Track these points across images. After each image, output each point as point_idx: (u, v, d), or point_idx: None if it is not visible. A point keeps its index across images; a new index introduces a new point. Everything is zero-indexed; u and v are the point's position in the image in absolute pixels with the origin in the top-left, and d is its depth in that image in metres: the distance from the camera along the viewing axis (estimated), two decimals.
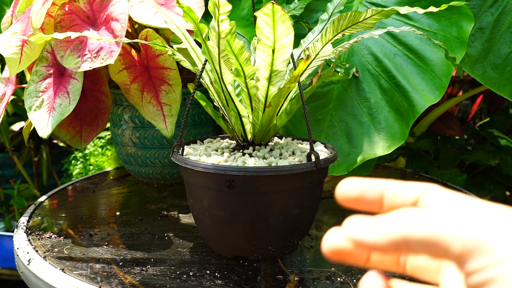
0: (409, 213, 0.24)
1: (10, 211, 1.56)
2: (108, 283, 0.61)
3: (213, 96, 0.71)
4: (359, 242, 0.25)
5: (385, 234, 0.24)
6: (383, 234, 0.24)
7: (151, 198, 0.95)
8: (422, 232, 0.23)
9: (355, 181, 0.28)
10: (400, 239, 0.24)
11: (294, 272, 0.65)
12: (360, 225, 0.25)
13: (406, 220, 0.24)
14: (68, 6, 0.87)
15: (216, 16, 0.57)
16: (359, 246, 0.25)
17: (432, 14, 0.93)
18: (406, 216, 0.24)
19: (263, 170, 0.60)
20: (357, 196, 0.28)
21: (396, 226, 0.24)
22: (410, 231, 0.24)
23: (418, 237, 0.23)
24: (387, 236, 0.24)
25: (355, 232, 0.25)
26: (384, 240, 0.24)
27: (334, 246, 0.27)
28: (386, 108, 0.91)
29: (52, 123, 0.83)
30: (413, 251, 0.24)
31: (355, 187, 0.28)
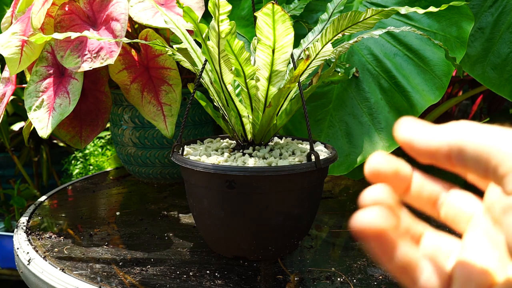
0: (468, 125, 0.24)
1: (10, 211, 1.56)
2: (108, 283, 0.61)
3: (213, 96, 0.71)
4: (413, 144, 0.25)
5: (442, 139, 0.24)
6: (440, 139, 0.24)
7: (151, 198, 0.95)
8: (479, 144, 0.23)
9: (387, 157, 0.27)
10: (456, 146, 0.23)
11: (294, 272, 0.65)
12: (415, 127, 0.25)
13: (465, 130, 0.24)
14: (68, 6, 0.87)
15: (216, 16, 0.57)
16: (411, 149, 0.25)
17: (432, 14, 0.93)
18: (465, 127, 0.24)
19: (263, 170, 0.60)
20: (392, 172, 0.27)
21: (454, 133, 0.24)
22: (468, 140, 0.23)
23: (474, 148, 0.23)
24: (444, 142, 0.24)
25: (410, 133, 0.25)
26: (440, 145, 0.24)
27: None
28: (386, 108, 0.91)
29: (52, 123, 0.83)
30: (464, 162, 0.23)
31: (388, 163, 0.27)
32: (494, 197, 0.24)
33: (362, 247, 0.73)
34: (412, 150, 0.25)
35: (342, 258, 0.70)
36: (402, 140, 0.25)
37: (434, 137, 0.24)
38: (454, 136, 0.24)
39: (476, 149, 0.23)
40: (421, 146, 0.25)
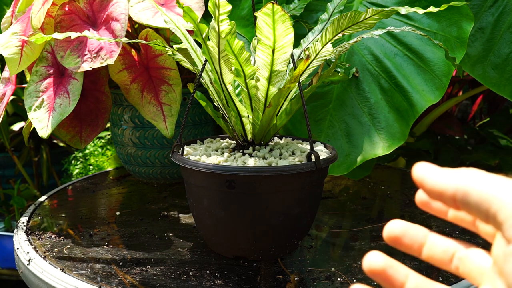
0: (474, 172, 0.26)
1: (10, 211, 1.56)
2: (108, 283, 0.61)
3: (213, 96, 0.71)
4: (424, 182, 0.27)
5: (449, 182, 0.27)
6: (448, 181, 0.27)
7: (151, 198, 0.95)
8: (482, 190, 0.25)
9: (402, 223, 0.30)
10: (462, 190, 0.26)
11: (294, 272, 0.65)
12: (429, 168, 0.28)
13: (471, 176, 0.26)
14: (68, 6, 0.87)
15: (216, 16, 0.57)
16: (422, 187, 0.28)
17: (432, 14, 0.93)
18: (471, 174, 0.26)
19: (263, 170, 0.60)
20: (403, 234, 0.30)
21: (461, 178, 0.26)
22: (473, 186, 0.26)
23: (477, 194, 0.25)
24: (451, 185, 0.26)
25: (423, 172, 0.28)
26: (447, 187, 0.27)
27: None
28: (386, 108, 0.91)
29: (52, 123, 0.83)
30: (468, 206, 0.26)
31: (402, 227, 0.30)
32: (499, 250, 0.26)
33: (362, 247, 0.73)
34: (423, 188, 0.28)
35: (342, 258, 0.70)
36: (416, 178, 0.28)
37: (443, 179, 0.27)
38: (460, 181, 0.26)
39: (478, 196, 0.25)
40: (431, 186, 0.28)
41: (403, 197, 0.95)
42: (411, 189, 0.99)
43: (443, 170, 0.28)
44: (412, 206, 0.89)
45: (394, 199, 0.94)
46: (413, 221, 0.82)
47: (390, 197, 0.95)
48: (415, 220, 0.82)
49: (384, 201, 0.94)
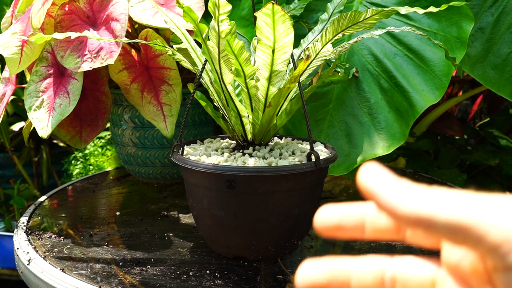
0: (441, 194, 0.22)
1: (10, 211, 1.56)
2: (108, 283, 0.61)
3: (213, 96, 0.71)
4: (378, 199, 0.23)
5: (410, 207, 0.22)
6: (408, 205, 0.22)
7: (151, 198, 0.95)
8: (453, 216, 0.21)
9: (332, 208, 0.27)
10: (426, 218, 0.22)
11: (294, 272, 0.65)
12: (381, 179, 0.23)
13: (434, 200, 0.22)
14: (68, 6, 0.87)
15: (216, 16, 0.57)
16: (375, 202, 0.23)
17: (432, 14, 0.93)
18: (437, 196, 0.22)
19: (263, 170, 0.60)
20: (336, 224, 0.26)
21: (423, 203, 0.22)
22: (440, 212, 0.22)
23: (446, 220, 0.21)
24: (413, 210, 0.22)
25: (375, 183, 0.23)
26: (408, 213, 0.22)
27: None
28: (386, 108, 0.91)
29: (52, 123, 0.83)
30: (436, 233, 0.22)
31: (333, 214, 0.26)
32: (456, 256, 0.23)
33: (362, 247, 0.73)
34: (375, 202, 0.23)
35: None
36: (365, 189, 0.23)
37: (402, 202, 0.22)
38: (423, 205, 0.22)
39: (449, 221, 0.21)
40: (386, 206, 0.23)
41: None
42: None
43: (401, 185, 0.23)
44: None
45: None
46: None
47: None
48: None
49: None
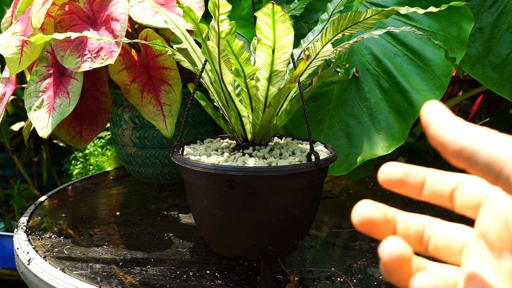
0: (486, 131, 0.24)
1: (10, 211, 1.56)
2: (108, 283, 0.61)
3: (213, 96, 0.71)
4: (430, 127, 0.25)
5: (458, 135, 0.24)
6: (456, 134, 0.24)
7: (151, 198, 0.95)
8: (493, 150, 0.23)
9: (398, 164, 0.29)
10: (470, 147, 0.24)
11: (294, 272, 0.65)
12: (441, 113, 0.25)
13: (482, 134, 0.24)
14: (68, 6, 0.87)
15: (216, 16, 0.57)
16: (427, 130, 0.25)
17: (432, 14, 0.93)
18: (482, 132, 0.24)
19: (263, 170, 0.60)
20: (400, 179, 0.28)
21: (471, 134, 0.24)
22: (483, 145, 0.23)
23: (487, 153, 0.23)
24: (459, 139, 0.24)
25: (433, 115, 0.25)
26: (454, 140, 0.24)
27: (365, 217, 0.28)
28: (386, 108, 0.91)
29: (52, 123, 0.83)
30: (475, 166, 0.24)
31: (398, 170, 0.28)
32: (487, 222, 0.25)
33: (362, 247, 0.73)
34: (428, 132, 0.25)
35: (342, 258, 0.70)
36: (423, 119, 0.26)
37: (453, 130, 0.24)
38: (471, 137, 0.24)
39: (489, 155, 0.23)
40: (436, 132, 0.25)
41: (403, 197, 0.95)
42: None
43: (455, 119, 0.25)
44: (412, 206, 0.89)
45: (394, 199, 0.94)
46: None
47: (390, 197, 0.95)
48: None
49: (384, 201, 0.93)
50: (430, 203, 0.29)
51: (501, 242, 0.24)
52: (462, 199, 0.27)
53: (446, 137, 0.24)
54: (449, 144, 0.24)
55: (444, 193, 0.28)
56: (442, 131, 0.25)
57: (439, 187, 0.28)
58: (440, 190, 0.28)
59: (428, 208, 0.87)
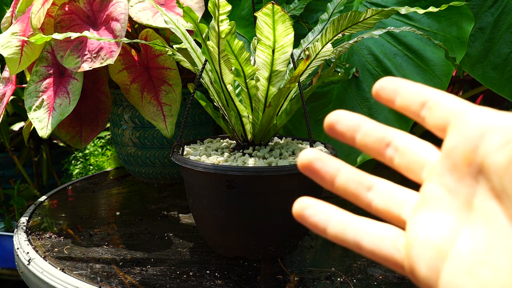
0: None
1: (10, 211, 1.56)
2: (108, 283, 0.61)
3: (213, 96, 0.71)
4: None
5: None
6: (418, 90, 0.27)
7: (151, 198, 0.95)
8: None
9: (344, 112, 0.29)
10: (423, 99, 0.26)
11: (294, 272, 0.65)
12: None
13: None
14: (68, 6, 0.87)
15: (216, 16, 0.57)
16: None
17: (432, 14, 0.93)
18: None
19: (263, 170, 0.60)
20: (338, 120, 0.29)
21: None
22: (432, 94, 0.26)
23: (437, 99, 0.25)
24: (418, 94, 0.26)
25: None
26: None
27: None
28: (386, 108, 0.91)
29: (52, 123, 0.83)
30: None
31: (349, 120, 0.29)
32: (455, 142, 0.24)
33: None
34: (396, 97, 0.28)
35: (342, 258, 0.70)
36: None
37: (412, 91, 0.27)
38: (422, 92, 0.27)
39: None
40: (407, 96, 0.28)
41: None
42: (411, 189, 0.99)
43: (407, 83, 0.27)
44: None
45: None
46: None
47: None
48: None
49: None
50: None
51: (465, 165, 0.23)
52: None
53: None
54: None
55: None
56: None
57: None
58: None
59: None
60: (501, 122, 0.22)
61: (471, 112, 0.24)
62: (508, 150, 0.21)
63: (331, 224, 0.28)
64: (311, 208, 0.28)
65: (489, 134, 0.22)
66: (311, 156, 0.27)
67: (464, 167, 0.23)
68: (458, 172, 0.23)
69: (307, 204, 0.28)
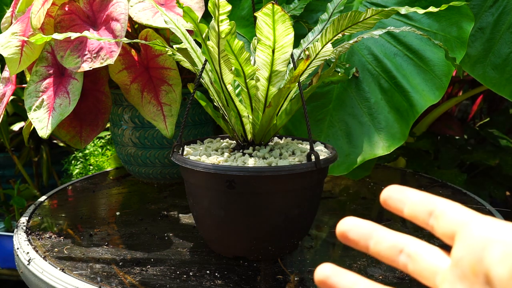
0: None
1: (10, 211, 1.56)
2: (108, 283, 0.61)
3: (213, 96, 0.71)
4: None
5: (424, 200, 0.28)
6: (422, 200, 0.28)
7: (151, 198, 0.95)
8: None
9: (355, 220, 0.30)
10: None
11: (294, 272, 0.65)
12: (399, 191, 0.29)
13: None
14: (68, 6, 0.87)
15: (216, 16, 0.57)
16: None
17: (432, 14, 0.93)
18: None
19: (263, 170, 0.60)
20: (350, 229, 0.30)
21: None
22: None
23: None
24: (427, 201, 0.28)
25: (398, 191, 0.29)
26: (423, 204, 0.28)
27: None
28: (386, 108, 0.91)
29: (52, 123, 0.83)
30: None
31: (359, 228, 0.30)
32: (462, 253, 0.25)
33: None
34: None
35: (342, 258, 0.70)
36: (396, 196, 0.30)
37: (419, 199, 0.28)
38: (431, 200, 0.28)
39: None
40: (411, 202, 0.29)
41: None
42: None
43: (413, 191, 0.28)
44: None
45: None
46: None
47: None
48: None
49: None
50: None
51: (473, 275, 0.24)
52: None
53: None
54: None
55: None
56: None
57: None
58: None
59: None
60: (501, 235, 0.24)
61: (474, 223, 0.25)
62: (509, 263, 0.22)
63: None
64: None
65: (491, 247, 0.23)
66: (328, 272, 0.29)
67: (472, 277, 0.24)
68: (467, 281, 0.25)
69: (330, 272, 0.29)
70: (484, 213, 0.86)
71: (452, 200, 0.28)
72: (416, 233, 0.76)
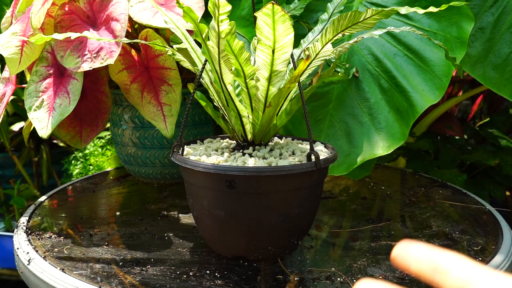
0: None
1: (10, 211, 1.56)
2: (108, 283, 0.61)
3: (213, 96, 0.71)
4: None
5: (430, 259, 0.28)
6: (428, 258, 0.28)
7: (151, 198, 0.95)
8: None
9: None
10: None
11: (294, 272, 0.65)
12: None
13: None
14: (68, 6, 0.87)
15: (216, 16, 0.57)
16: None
17: (432, 14, 0.93)
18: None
19: (263, 170, 0.60)
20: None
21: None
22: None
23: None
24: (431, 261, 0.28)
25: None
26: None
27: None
28: (386, 108, 0.91)
29: (52, 123, 0.83)
30: None
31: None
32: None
33: (362, 247, 0.73)
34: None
35: (342, 258, 0.70)
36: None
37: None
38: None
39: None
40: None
41: (403, 197, 0.95)
42: (411, 189, 0.99)
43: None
44: (412, 206, 0.89)
45: (394, 199, 0.94)
46: (412, 221, 0.82)
47: (390, 197, 0.95)
48: (415, 220, 0.82)
49: (384, 201, 0.94)
50: (430, 204, 0.30)
51: None
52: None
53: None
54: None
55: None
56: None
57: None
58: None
59: (428, 208, 0.87)
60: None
61: (478, 282, 0.26)
62: None
63: None
64: None
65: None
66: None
67: None
68: None
69: None
70: (484, 213, 0.86)
71: (452, 200, 0.28)
72: (416, 233, 0.76)
